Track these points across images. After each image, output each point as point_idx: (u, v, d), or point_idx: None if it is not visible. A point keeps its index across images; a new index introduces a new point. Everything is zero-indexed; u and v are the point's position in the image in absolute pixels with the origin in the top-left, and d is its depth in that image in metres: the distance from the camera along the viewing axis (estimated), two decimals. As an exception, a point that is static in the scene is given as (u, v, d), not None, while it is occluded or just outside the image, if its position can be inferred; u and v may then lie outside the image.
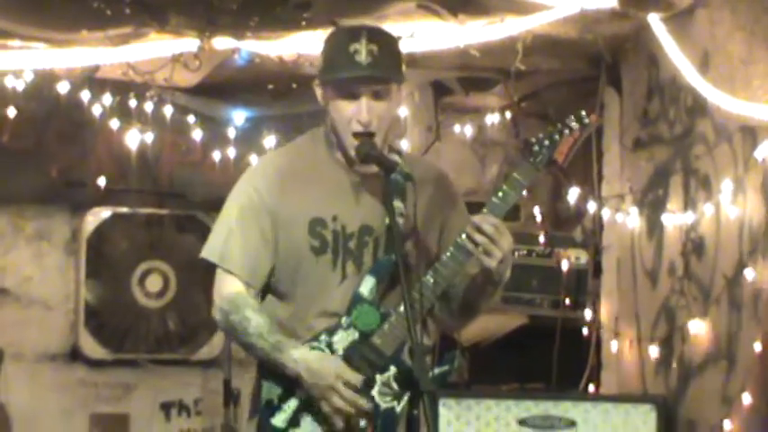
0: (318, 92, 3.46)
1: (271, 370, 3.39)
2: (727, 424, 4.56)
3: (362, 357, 3.35)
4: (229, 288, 3.44)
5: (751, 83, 4.58)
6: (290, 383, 3.36)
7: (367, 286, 3.38)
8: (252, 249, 3.42)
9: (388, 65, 3.38)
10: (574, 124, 3.40)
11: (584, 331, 5.84)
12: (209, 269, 3.52)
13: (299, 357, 3.33)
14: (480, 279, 3.40)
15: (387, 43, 3.42)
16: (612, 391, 5.68)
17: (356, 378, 3.32)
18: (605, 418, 4.88)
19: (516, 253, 5.84)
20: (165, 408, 6.99)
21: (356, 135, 3.37)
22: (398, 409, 3.36)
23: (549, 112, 6.27)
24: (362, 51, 3.34)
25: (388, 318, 3.36)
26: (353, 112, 3.36)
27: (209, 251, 3.50)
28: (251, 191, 3.47)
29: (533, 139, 3.39)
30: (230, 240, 3.45)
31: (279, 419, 3.37)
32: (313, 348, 3.36)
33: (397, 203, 3.38)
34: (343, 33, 3.46)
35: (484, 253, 3.28)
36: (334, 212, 3.42)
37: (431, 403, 3.12)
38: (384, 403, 3.36)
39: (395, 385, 3.36)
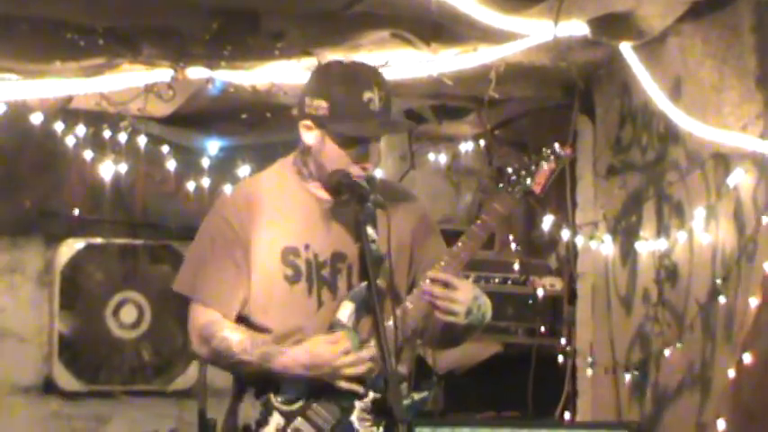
0: (309, 132, 3.36)
1: (253, 384, 3.38)
2: (702, 450, 4.58)
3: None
4: (203, 318, 3.41)
5: (722, 110, 4.62)
6: (267, 407, 3.33)
7: (345, 312, 3.37)
8: (224, 280, 3.40)
9: (392, 110, 3.36)
10: (550, 156, 3.42)
11: (560, 359, 5.84)
12: (183, 299, 3.49)
13: (289, 363, 3.30)
14: (460, 325, 3.40)
15: (387, 86, 3.37)
16: (588, 419, 5.68)
17: (345, 342, 3.30)
18: (581, 446, 4.89)
19: (491, 281, 5.86)
20: (141, 439, 6.94)
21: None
22: (379, 435, 3.35)
23: (523, 140, 6.29)
24: (376, 100, 3.30)
25: (367, 344, 3.34)
26: (357, 157, 3.34)
27: (180, 284, 3.48)
28: (221, 221, 3.44)
29: (510, 170, 3.41)
30: (202, 272, 3.43)
31: None
32: None
33: (369, 230, 3.36)
34: (353, 80, 3.34)
35: (446, 314, 3.31)
36: (305, 241, 3.40)
37: (406, 432, 3.11)
38: (363, 429, 3.35)
39: (373, 412, 3.34)
